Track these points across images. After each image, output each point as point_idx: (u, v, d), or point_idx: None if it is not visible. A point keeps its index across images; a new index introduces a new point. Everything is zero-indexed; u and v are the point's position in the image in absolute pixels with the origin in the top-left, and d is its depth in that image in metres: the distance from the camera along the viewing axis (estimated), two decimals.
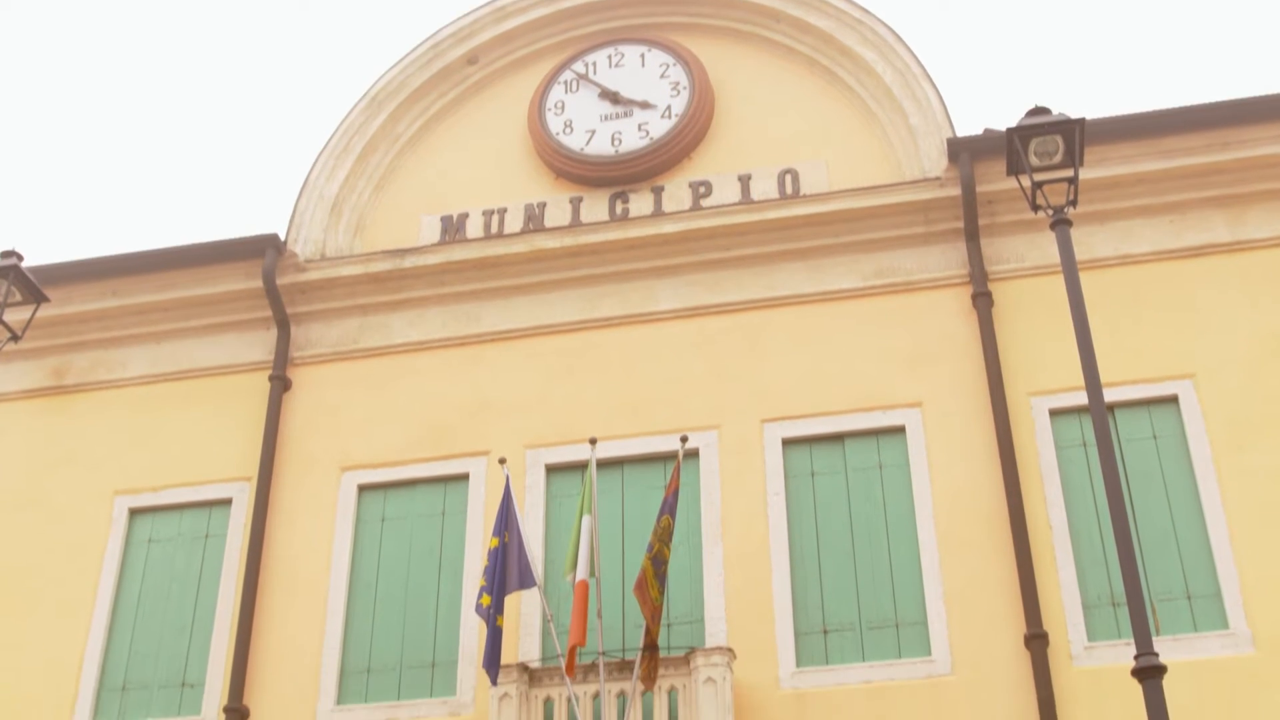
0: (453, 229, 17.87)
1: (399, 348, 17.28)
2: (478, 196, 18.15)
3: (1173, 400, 15.12)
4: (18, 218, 46.63)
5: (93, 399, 17.88)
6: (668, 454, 15.75)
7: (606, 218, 17.44)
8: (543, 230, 17.34)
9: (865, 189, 16.53)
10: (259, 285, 17.49)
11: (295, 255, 17.55)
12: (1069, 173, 12.25)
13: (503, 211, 17.82)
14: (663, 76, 18.19)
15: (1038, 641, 13.91)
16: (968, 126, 21.73)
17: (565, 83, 18.54)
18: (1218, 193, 15.97)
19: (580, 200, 17.67)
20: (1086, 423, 15.11)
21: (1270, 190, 15.90)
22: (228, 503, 16.79)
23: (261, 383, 17.32)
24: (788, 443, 15.74)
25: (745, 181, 17.31)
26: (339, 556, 16.10)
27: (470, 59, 19.14)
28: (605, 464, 15.77)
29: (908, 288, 16.31)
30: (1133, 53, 46.39)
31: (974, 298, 15.89)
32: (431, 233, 17.94)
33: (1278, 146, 15.85)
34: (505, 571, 14.06)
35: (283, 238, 17.66)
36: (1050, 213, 12.24)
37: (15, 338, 14.43)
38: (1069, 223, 12.19)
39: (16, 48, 47.73)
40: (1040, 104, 12.50)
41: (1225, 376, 15.05)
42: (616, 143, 17.76)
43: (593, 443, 14.88)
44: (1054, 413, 15.25)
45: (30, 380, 18.13)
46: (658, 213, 17.23)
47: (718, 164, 17.65)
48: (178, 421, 17.40)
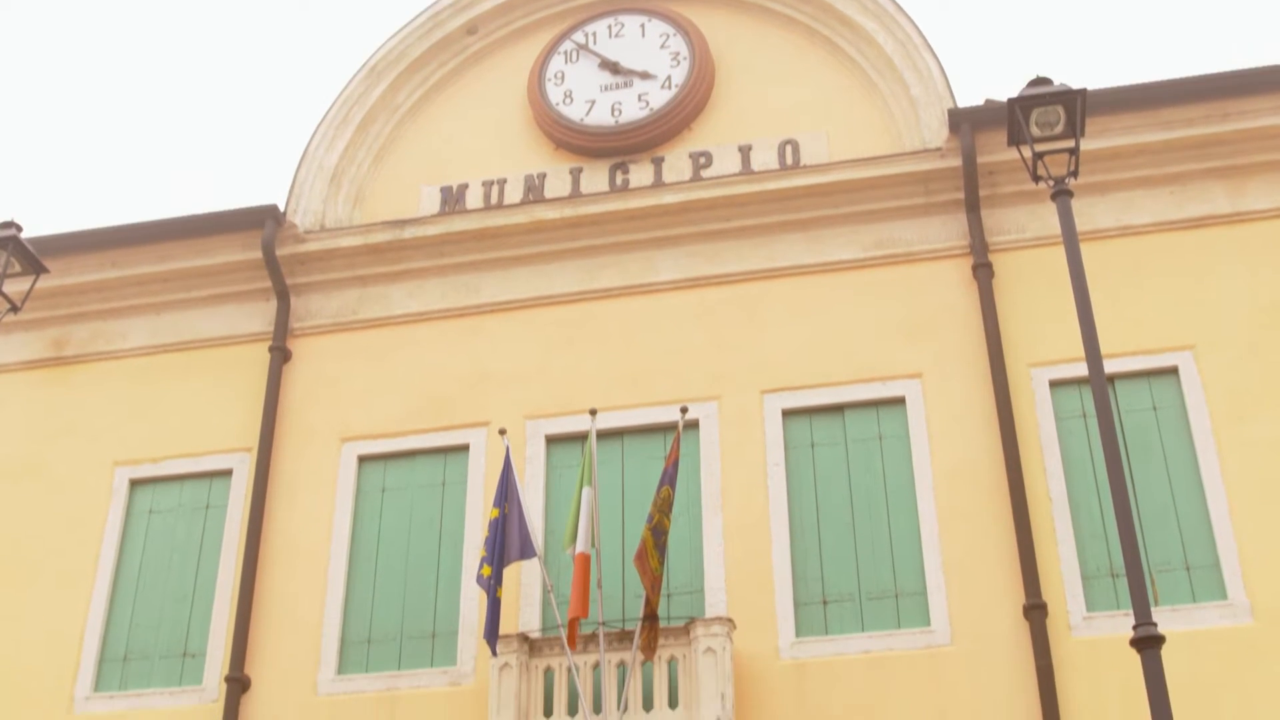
0: (452, 200, 17.84)
1: (399, 319, 17.27)
2: (477, 167, 18.11)
3: (1173, 371, 15.12)
4: (17, 189, 46.56)
5: (93, 370, 17.87)
6: (668, 425, 15.75)
7: (606, 188, 17.40)
8: (542, 201, 17.31)
9: (866, 160, 16.49)
10: (258, 256, 17.46)
11: (295, 226, 17.52)
12: (1070, 143, 12.21)
13: (502, 182, 17.79)
14: (663, 47, 18.12)
15: (1036, 612, 13.94)
16: (969, 97, 21.65)
17: (565, 53, 18.47)
18: (1218, 164, 15.93)
19: (580, 171, 17.63)
20: (1086, 394, 15.11)
21: (1271, 161, 15.86)
22: (228, 474, 16.81)
23: (261, 354, 17.32)
24: (788, 414, 15.75)
25: (745, 152, 17.27)
26: (339, 527, 16.12)
27: (470, 29, 19.06)
28: (605, 435, 15.78)
29: (908, 259, 16.28)
30: (1134, 23, 46.26)
31: (974, 269, 15.87)
32: (431, 203, 17.91)
33: (1279, 117, 15.81)
34: (505, 542, 14.08)
35: (282, 209, 17.62)
36: (1051, 183, 12.20)
37: (15, 309, 14.39)
38: (1070, 193, 12.16)
39: (17, 20, 47.59)
40: (1041, 75, 12.47)
41: (1225, 348, 15.04)
42: (616, 113, 17.71)
43: (593, 414, 14.89)
44: (1054, 384, 15.25)
45: (30, 351, 18.12)
46: (658, 183, 17.19)
47: (718, 135, 17.60)
48: (178, 393, 17.40)
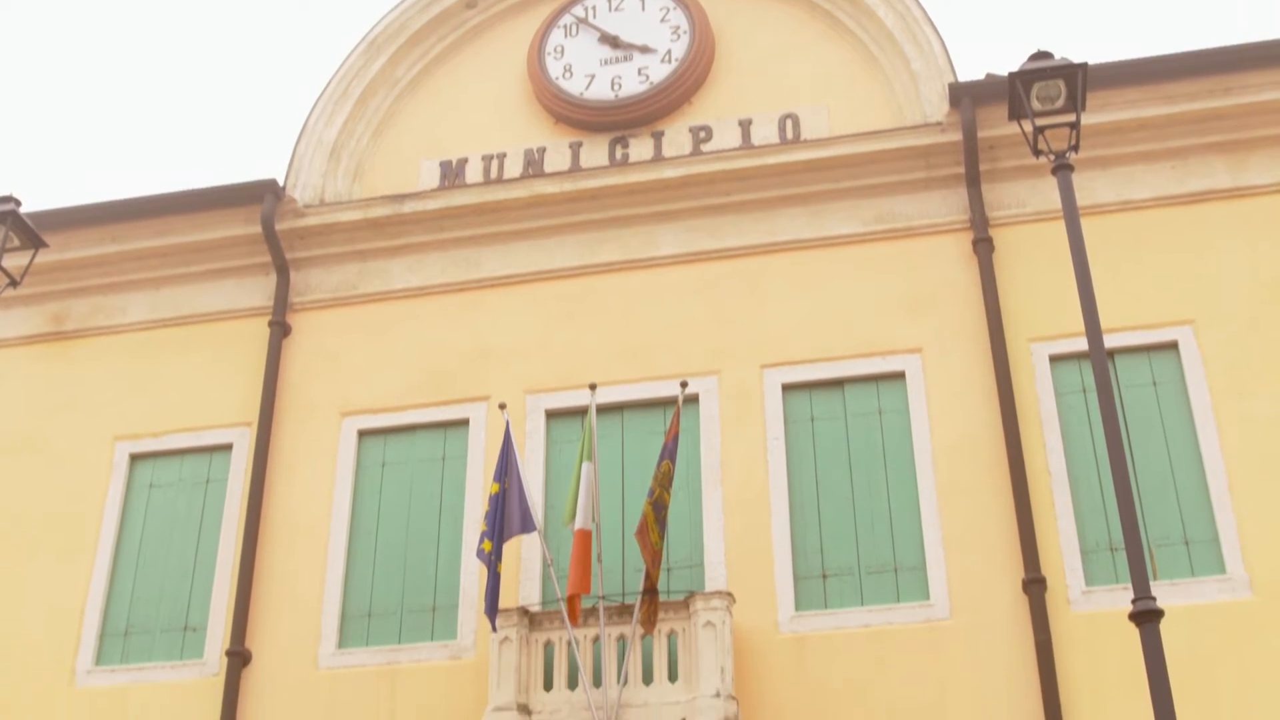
0: (452, 174, 17.81)
1: (398, 293, 17.26)
2: (477, 141, 18.06)
3: (1173, 346, 15.12)
4: (16, 163, 46.49)
5: (92, 344, 17.87)
6: (668, 399, 15.76)
7: (606, 163, 17.37)
8: (542, 175, 17.28)
9: (866, 134, 16.46)
10: (258, 231, 17.44)
11: (294, 200, 17.50)
12: (1071, 118, 12.19)
13: (502, 156, 17.75)
14: (663, 20, 18.06)
15: (1036, 586, 13.97)
16: (969, 71, 21.61)
17: (565, 26, 18.41)
18: (1219, 138, 15.90)
19: (580, 145, 17.59)
20: (1086, 369, 15.12)
21: (1272, 136, 15.83)
22: (228, 448, 16.83)
23: (261, 328, 17.31)
24: (788, 388, 15.75)
25: (746, 126, 17.23)
26: (339, 501, 16.14)
27: (469, 3, 18.98)
28: (605, 409, 15.79)
29: (908, 233, 16.26)
30: None
31: (975, 243, 15.85)
32: (431, 178, 17.88)
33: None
34: (505, 517, 14.11)
35: (282, 183, 17.60)
36: (1052, 158, 12.18)
37: (14, 283, 14.39)
38: (1070, 168, 12.13)
39: None
40: (1042, 49, 12.44)
41: (1225, 323, 15.04)
42: (616, 87, 17.67)
43: (593, 388, 14.90)
44: (1054, 359, 15.25)
45: (30, 326, 18.11)
46: (658, 158, 17.16)
47: (718, 109, 17.56)
48: (178, 367, 17.40)
